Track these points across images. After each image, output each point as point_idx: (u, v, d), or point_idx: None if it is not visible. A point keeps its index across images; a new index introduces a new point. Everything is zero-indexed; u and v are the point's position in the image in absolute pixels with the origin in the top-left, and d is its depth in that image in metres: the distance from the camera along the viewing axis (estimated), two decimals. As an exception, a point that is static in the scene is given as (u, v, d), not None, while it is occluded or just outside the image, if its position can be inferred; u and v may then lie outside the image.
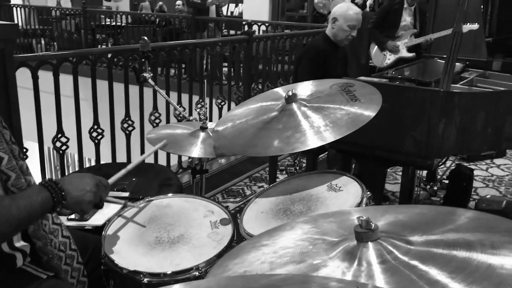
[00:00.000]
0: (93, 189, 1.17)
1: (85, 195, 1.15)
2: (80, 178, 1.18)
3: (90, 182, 1.17)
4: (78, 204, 1.15)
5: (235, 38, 4.77)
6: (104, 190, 1.23)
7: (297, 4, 11.39)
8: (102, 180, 1.24)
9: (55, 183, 1.11)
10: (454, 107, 2.34)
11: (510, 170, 4.23)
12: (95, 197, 1.18)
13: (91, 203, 1.17)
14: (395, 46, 4.66)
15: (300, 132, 1.40)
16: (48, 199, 1.09)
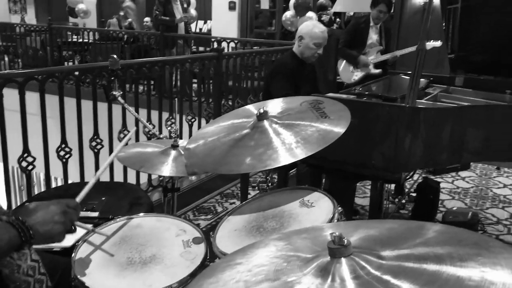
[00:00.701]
0: (61, 218, 1.12)
1: (53, 228, 1.10)
2: (46, 210, 1.12)
3: (57, 211, 1.12)
4: (49, 239, 1.11)
5: (205, 55, 4.80)
6: (74, 213, 1.19)
7: (265, 22, 11.53)
8: (69, 202, 1.19)
9: (22, 222, 1.05)
10: (420, 122, 2.41)
11: (475, 182, 4.36)
12: (65, 226, 1.13)
13: (61, 233, 1.13)
14: (367, 62, 4.76)
15: (272, 149, 1.41)
16: (16, 238, 1.04)
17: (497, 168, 4.73)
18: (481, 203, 3.88)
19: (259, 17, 11.47)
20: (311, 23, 3.18)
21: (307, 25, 3.12)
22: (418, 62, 2.48)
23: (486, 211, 3.71)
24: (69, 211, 1.16)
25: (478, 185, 4.30)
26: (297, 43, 3.12)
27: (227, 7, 10.61)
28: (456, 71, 3.54)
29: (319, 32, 3.05)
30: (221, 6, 10.64)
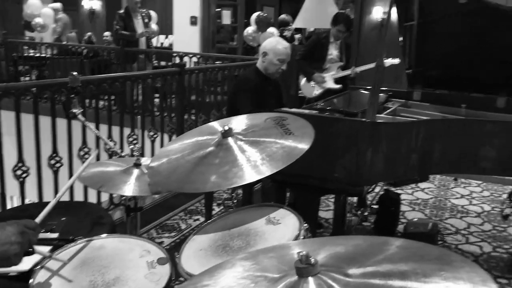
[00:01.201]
0: (18, 239, 1.07)
1: (9, 249, 1.05)
2: (2, 230, 1.08)
3: (14, 232, 1.08)
4: (5, 261, 1.06)
5: (167, 70, 4.76)
6: (33, 234, 1.15)
7: (227, 36, 11.59)
8: (28, 223, 1.15)
9: None
10: (380, 136, 2.46)
11: (434, 193, 4.48)
12: (22, 247, 1.08)
13: (18, 255, 1.08)
14: (322, 78, 4.85)
15: (238, 167, 1.41)
16: None
17: (455, 179, 4.89)
18: (440, 213, 3.99)
19: (220, 32, 11.53)
20: (274, 40, 3.21)
21: (270, 41, 3.16)
22: (377, 78, 2.55)
23: (445, 222, 3.82)
24: (28, 232, 1.12)
25: (437, 196, 4.42)
26: (261, 58, 3.15)
27: (188, 22, 10.60)
28: (414, 86, 3.65)
29: (283, 48, 3.09)
30: (183, 21, 10.62)
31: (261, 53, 3.13)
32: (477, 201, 4.32)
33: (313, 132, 1.52)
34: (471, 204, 4.24)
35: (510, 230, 3.66)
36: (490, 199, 4.36)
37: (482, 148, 2.65)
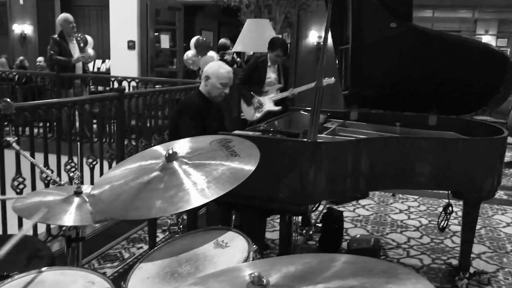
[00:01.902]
0: None
1: None
2: None
3: None
4: None
5: (106, 95, 4.66)
6: None
7: (166, 60, 11.54)
8: None
9: None
10: (322, 156, 2.52)
11: (374, 210, 4.62)
12: None
13: None
14: (260, 104, 4.92)
15: (184, 191, 1.39)
16: None
17: (393, 195, 5.07)
18: (381, 229, 4.11)
19: (159, 56, 11.47)
20: (216, 64, 3.22)
21: (212, 66, 3.17)
22: (317, 99, 2.62)
23: (387, 237, 3.94)
24: None
25: (377, 212, 4.56)
26: (204, 82, 3.15)
27: (126, 46, 10.48)
28: (350, 106, 3.78)
29: (225, 72, 3.11)
30: (120, 45, 10.48)
31: (204, 77, 3.14)
32: (415, 215, 4.50)
33: (259, 153, 1.53)
34: (409, 218, 4.40)
35: (447, 242, 3.83)
36: (427, 213, 4.55)
37: (417, 164, 2.78)
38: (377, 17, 3.03)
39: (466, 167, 2.82)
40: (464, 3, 9.11)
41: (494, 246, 3.80)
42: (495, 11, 11.28)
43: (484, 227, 4.21)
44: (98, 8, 11.15)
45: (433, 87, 3.36)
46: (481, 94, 3.29)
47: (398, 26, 2.96)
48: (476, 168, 2.84)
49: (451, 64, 3.15)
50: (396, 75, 3.44)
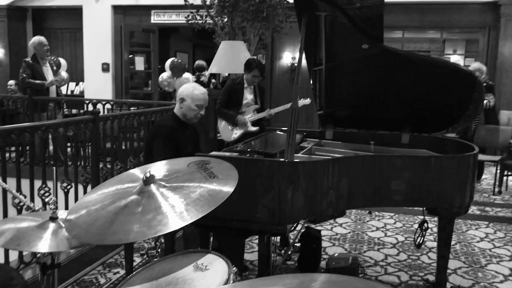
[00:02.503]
0: None
1: None
2: None
3: None
4: None
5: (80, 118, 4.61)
6: None
7: (141, 82, 11.51)
8: None
9: None
10: (299, 175, 2.54)
11: (351, 228, 4.65)
12: None
13: None
14: (245, 121, 4.97)
15: (162, 214, 1.38)
16: None
17: (369, 213, 5.12)
18: (359, 247, 4.14)
19: (134, 78, 11.43)
20: (191, 86, 3.23)
21: (187, 88, 3.17)
22: (293, 119, 2.65)
23: (364, 254, 3.96)
24: None
25: (354, 230, 4.59)
26: (179, 105, 3.15)
27: (100, 68, 10.42)
28: (325, 126, 3.84)
29: (200, 94, 3.12)
30: (94, 67, 10.43)
31: (179, 100, 3.13)
32: (391, 232, 4.54)
33: (237, 174, 1.54)
34: (386, 236, 4.45)
35: (423, 258, 3.88)
36: (403, 230, 4.61)
37: (392, 182, 2.82)
38: (349, 38, 3.11)
39: (439, 184, 2.88)
40: (432, 24, 9.40)
41: (469, 261, 3.86)
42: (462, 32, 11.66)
43: (459, 243, 4.28)
44: (72, 31, 11.09)
45: (405, 106, 3.44)
46: (451, 112, 3.38)
47: (370, 47, 3.04)
48: (449, 185, 2.90)
49: (421, 84, 3.24)
50: (369, 95, 3.51)
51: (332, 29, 3.20)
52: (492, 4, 8.67)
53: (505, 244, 4.29)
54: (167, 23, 10.29)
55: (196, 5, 6.60)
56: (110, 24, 10.34)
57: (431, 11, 9.03)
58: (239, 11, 6.00)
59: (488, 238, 4.44)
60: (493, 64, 8.87)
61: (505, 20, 8.61)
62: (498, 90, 8.79)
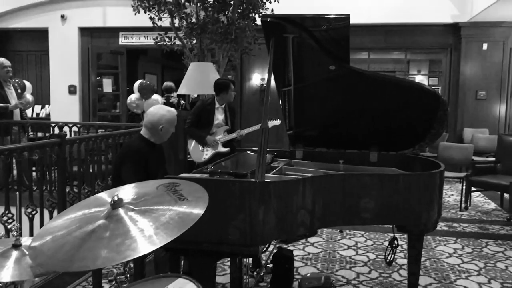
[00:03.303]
0: None
1: None
2: None
3: None
4: None
5: (46, 142, 4.48)
6: None
7: (109, 104, 11.38)
8: None
9: None
10: (270, 196, 2.53)
11: (323, 247, 4.66)
12: None
13: None
14: (214, 141, 4.98)
15: (131, 239, 1.35)
16: None
17: (340, 231, 5.15)
18: (331, 266, 4.14)
19: (102, 100, 11.30)
20: (161, 110, 3.09)
21: (162, 115, 2.99)
22: (262, 140, 2.66)
23: (337, 273, 3.96)
24: None
25: (326, 249, 4.60)
26: (157, 133, 3.03)
27: (66, 91, 10.27)
28: (295, 145, 3.86)
29: (174, 115, 3.08)
30: (60, 90, 10.27)
31: (157, 129, 3.04)
32: (362, 250, 4.57)
33: (207, 196, 1.52)
34: (357, 254, 4.47)
35: (394, 276, 3.91)
36: (374, 247, 4.64)
37: (362, 200, 2.85)
38: (317, 60, 3.16)
39: (407, 201, 2.92)
40: (396, 45, 9.68)
41: (439, 277, 3.91)
42: (426, 52, 12.06)
43: (428, 259, 4.34)
44: (37, 53, 10.91)
45: (373, 125, 3.50)
46: (417, 131, 3.46)
47: (337, 68, 3.09)
48: (417, 202, 2.95)
49: (387, 103, 3.31)
50: (337, 115, 3.57)
51: (300, 51, 3.25)
52: (453, 26, 9.01)
53: (473, 259, 4.37)
54: (136, 45, 10.26)
55: (164, 27, 6.61)
56: (77, 46, 10.24)
57: (395, 33, 9.31)
58: (207, 33, 6.04)
59: (456, 253, 4.52)
60: (456, 83, 9.18)
61: (466, 41, 8.95)
62: (461, 108, 9.09)
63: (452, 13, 8.90)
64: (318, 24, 2.97)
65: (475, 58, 8.96)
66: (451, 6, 8.89)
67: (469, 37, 8.92)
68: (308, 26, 2.96)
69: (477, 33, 8.84)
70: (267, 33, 2.91)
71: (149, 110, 3.09)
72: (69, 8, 10.15)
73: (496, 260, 4.33)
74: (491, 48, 8.88)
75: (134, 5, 6.35)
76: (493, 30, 8.77)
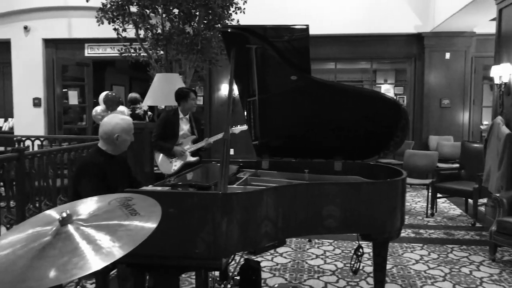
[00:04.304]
0: None
1: None
2: None
3: None
4: None
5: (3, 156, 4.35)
6: None
7: (75, 117, 11.16)
8: None
9: None
10: (233, 207, 2.50)
11: (292, 257, 4.64)
12: None
13: None
14: (182, 151, 4.92)
15: (78, 256, 1.30)
16: None
17: (309, 241, 5.15)
18: (299, 276, 4.12)
19: (69, 113, 11.08)
20: (115, 119, 3.01)
21: (115, 123, 2.92)
22: (225, 150, 2.63)
23: (305, 283, 3.94)
24: None
25: (294, 259, 4.58)
26: (113, 143, 2.96)
27: (31, 103, 10.03)
28: (261, 156, 3.85)
29: (129, 123, 2.99)
30: (24, 103, 10.02)
31: (113, 138, 2.96)
32: (330, 259, 4.57)
33: (160, 210, 1.48)
34: (325, 263, 4.47)
35: (362, 284, 3.92)
36: (342, 256, 4.66)
37: (326, 209, 2.84)
38: (279, 70, 3.16)
39: (370, 209, 2.93)
40: (362, 56, 9.84)
41: (406, 284, 3.95)
42: (392, 62, 12.30)
43: (395, 266, 4.37)
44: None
45: (336, 135, 3.52)
46: (380, 139, 3.50)
47: (298, 78, 3.10)
48: (380, 210, 2.97)
49: (350, 112, 3.34)
50: (302, 125, 3.57)
51: (263, 61, 3.25)
52: (416, 36, 9.23)
53: (438, 264, 4.43)
54: (102, 57, 10.11)
55: (129, 38, 6.53)
56: (41, 57, 10.03)
57: (361, 43, 9.47)
58: (173, 44, 6.00)
59: (423, 260, 4.57)
60: (420, 92, 9.38)
61: (429, 51, 9.18)
62: (426, 116, 9.28)
63: (415, 23, 9.12)
64: (279, 34, 2.98)
65: (439, 67, 9.19)
66: (414, 17, 9.11)
67: (432, 47, 9.14)
68: (269, 37, 2.96)
69: (439, 43, 9.08)
70: (227, 43, 2.90)
71: (103, 121, 3.01)
72: (33, 19, 9.95)
73: (461, 265, 4.40)
74: (454, 57, 9.12)
75: (98, 16, 6.26)
76: (455, 39, 9.02)
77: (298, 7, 8.90)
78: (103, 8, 6.21)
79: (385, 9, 9.09)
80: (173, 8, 6.02)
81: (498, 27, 5.63)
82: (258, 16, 7.04)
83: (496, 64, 5.63)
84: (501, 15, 5.58)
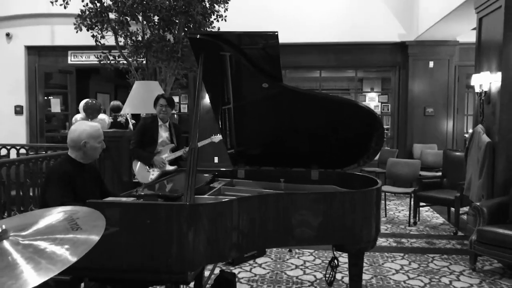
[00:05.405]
0: None
1: None
2: None
3: None
4: None
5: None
6: None
7: (59, 124, 11.03)
8: None
9: None
10: (199, 219, 2.42)
11: (271, 267, 4.56)
12: None
13: None
14: (163, 162, 4.84)
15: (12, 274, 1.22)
16: None
17: (289, 251, 5.07)
18: (277, 287, 4.05)
19: (52, 121, 10.94)
20: (83, 125, 2.92)
21: (81, 129, 2.87)
22: (191, 160, 2.56)
23: (281, 295, 3.88)
24: None
25: (273, 269, 4.50)
26: (81, 150, 2.88)
27: (12, 111, 9.89)
28: (237, 165, 3.78)
29: (97, 130, 2.91)
30: (6, 110, 9.88)
31: (80, 145, 2.87)
32: (310, 269, 4.50)
33: (104, 224, 1.41)
34: (305, 273, 4.39)
35: (339, 295, 3.86)
36: (322, 266, 4.58)
37: (296, 220, 2.77)
38: (251, 78, 3.10)
39: (344, 219, 2.87)
40: (347, 64, 9.84)
41: (384, 294, 3.89)
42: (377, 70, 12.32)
43: (375, 276, 4.31)
44: (-20, 73, 10.50)
45: (313, 143, 3.47)
46: (356, 148, 3.45)
47: (270, 86, 3.05)
48: (353, 220, 2.91)
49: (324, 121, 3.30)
50: (277, 133, 3.52)
51: (237, 69, 3.19)
52: (401, 45, 9.25)
53: (418, 275, 4.38)
54: (85, 64, 10.01)
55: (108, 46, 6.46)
56: (23, 65, 9.91)
57: (346, 51, 9.47)
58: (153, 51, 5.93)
59: (403, 270, 4.52)
60: (405, 100, 9.38)
61: (413, 59, 9.20)
62: (410, 124, 9.29)
63: (399, 32, 9.15)
64: (248, 41, 2.93)
65: (422, 75, 9.21)
66: (398, 25, 9.13)
67: (415, 55, 9.17)
68: (238, 43, 2.90)
69: (423, 52, 9.10)
70: (195, 50, 2.83)
71: (71, 128, 2.94)
72: (15, 26, 9.83)
73: (441, 275, 4.35)
74: (437, 66, 9.15)
75: (76, 23, 6.18)
76: (438, 48, 9.05)
77: (282, 14, 8.89)
78: (81, 14, 6.13)
79: (369, 18, 9.11)
80: (153, 15, 5.97)
81: (478, 36, 5.64)
82: (239, 23, 7.00)
83: (476, 72, 5.63)
84: (481, 24, 5.59)
